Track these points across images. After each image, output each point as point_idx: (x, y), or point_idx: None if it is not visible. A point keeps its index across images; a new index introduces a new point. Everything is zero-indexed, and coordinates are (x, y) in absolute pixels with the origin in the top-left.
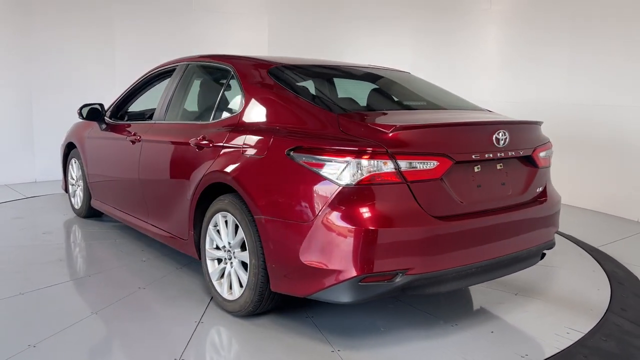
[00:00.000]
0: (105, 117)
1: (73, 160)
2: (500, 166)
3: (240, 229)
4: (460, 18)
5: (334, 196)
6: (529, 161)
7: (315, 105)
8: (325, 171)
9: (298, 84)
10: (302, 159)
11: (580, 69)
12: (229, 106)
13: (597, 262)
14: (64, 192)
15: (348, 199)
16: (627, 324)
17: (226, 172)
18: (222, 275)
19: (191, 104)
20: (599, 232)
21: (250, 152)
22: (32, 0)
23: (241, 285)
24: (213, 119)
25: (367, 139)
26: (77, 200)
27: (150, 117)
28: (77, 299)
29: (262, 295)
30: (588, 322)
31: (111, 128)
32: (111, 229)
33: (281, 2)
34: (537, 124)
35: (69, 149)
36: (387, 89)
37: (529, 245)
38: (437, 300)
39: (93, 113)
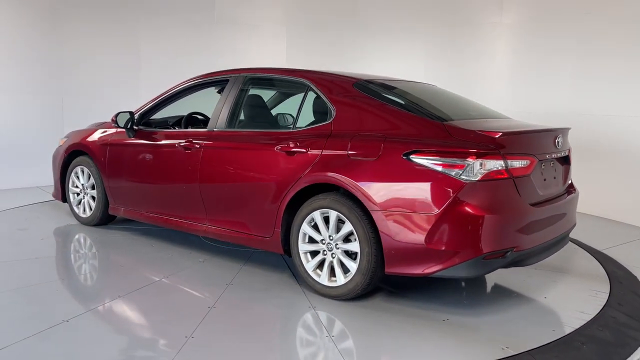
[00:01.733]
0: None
1: (79, 169)
2: (553, 164)
3: (346, 223)
4: (472, 31)
5: (459, 191)
6: (565, 159)
7: (415, 114)
8: (448, 170)
9: (385, 96)
10: (422, 160)
11: (588, 80)
12: (316, 116)
13: (599, 262)
14: (59, 201)
15: (471, 193)
16: (623, 317)
17: (332, 173)
18: (318, 266)
19: (257, 114)
20: (603, 237)
21: (359, 155)
22: (63, 12)
23: (344, 272)
24: (297, 127)
25: (479, 143)
26: (83, 209)
27: (191, 125)
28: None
29: (372, 278)
30: (585, 315)
31: (146, 135)
32: (134, 234)
33: (299, 14)
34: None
35: (71, 156)
36: (445, 101)
37: (569, 226)
38: (438, 296)
39: (129, 120)
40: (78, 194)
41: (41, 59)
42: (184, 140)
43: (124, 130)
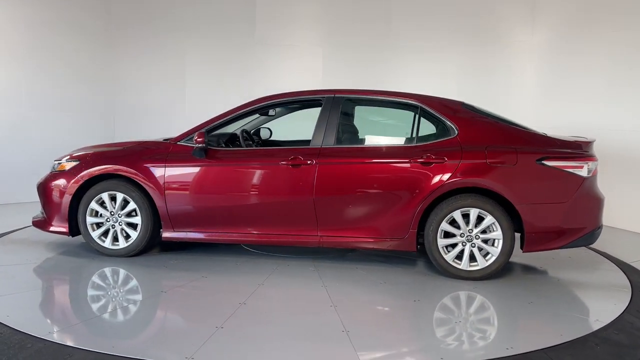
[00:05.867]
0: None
1: (105, 195)
2: None
3: (488, 217)
4: (503, 49)
5: (581, 184)
6: None
7: (521, 128)
8: (573, 170)
9: (488, 113)
10: (553, 164)
11: (618, 96)
12: (438, 132)
13: (625, 274)
14: (67, 236)
15: (588, 185)
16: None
17: (479, 179)
18: (456, 256)
19: (368, 131)
20: (633, 250)
21: (499, 163)
22: (116, 36)
23: (485, 257)
24: (420, 142)
25: (579, 150)
26: (113, 240)
27: (231, 143)
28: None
29: (509, 256)
30: (602, 320)
31: (224, 154)
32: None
33: (334, 35)
34: None
35: (90, 182)
36: (503, 117)
37: None
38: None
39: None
40: (98, 224)
41: (95, 80)
42: (290, 158)
43: (181, 149)
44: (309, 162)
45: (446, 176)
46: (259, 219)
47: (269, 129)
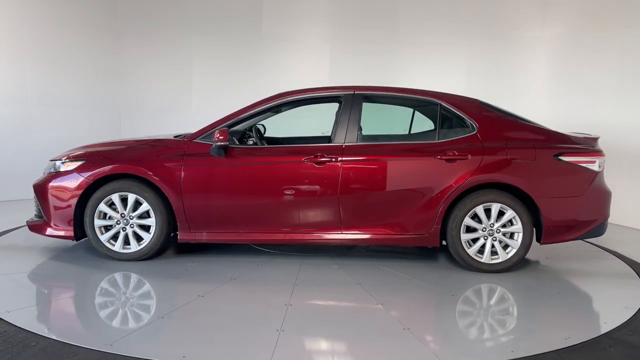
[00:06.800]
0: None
1: (115, 196)
2: None
3: (509, 211)
4: (513, 44)
5: (594, 178)
6: None
7: (537, 125)
8: (587, 165)
9: (504, 110)
10: (569, 159)
11: (631, 93)
12: (458, 129)
13: (637, 274)
14: (72, 240)
15: (599, 179)
16: None
17: (503, 174)
18: (478, 250)
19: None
20: None
21: (519, 159)
22: (123, 32)
23: (504, 249)
24: (442, 139)
25: (590, 146)
26: (123, 244)
27: (245, 138)
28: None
29: (528, 249)
30: (617, 321)
31: (244, 152)
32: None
33: (342, 31)
34: None
35: (97, 183)
36: (514, 114)
37: None
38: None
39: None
40: (107, 227)
41: (101, 76)
42: (312, 156)
43: (198, 147)
44: (333, 159)
45: (470, 172)
46: (281, 218)
47: (263, 125)
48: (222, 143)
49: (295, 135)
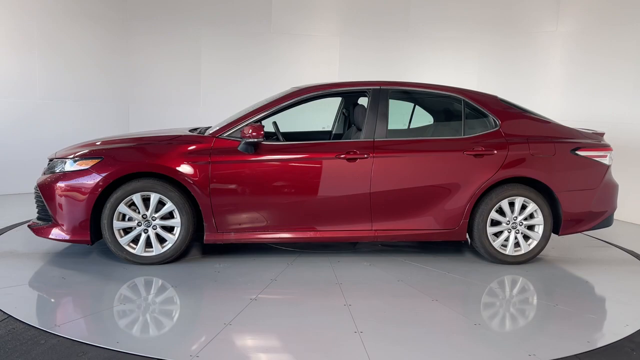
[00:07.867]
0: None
1: (136, 197)
2: None
3: (530, 205)
4: (527, 40)
5: (607, 171)
6: None
7: (552, 121)
8: (600, 159)
9: (522, 106)
10: (584, 153)
11: None
12: (481, 124)
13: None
14: (88, 245)
15: (610, 172)
16: None
17: (528, 169)
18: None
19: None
20: None
21: (540, 154)
22: (132, 25)
23: (525, 241)
24: (467, 134)
25: (599, 141)
26: (144, 247)
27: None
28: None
29: (548, 240)
30: (638, 324)
31: (274, 149)
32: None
33: (351, 24)
34: None
35: (114, 183)
36: (530, 110)
37: None
38: None
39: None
40: (126, 230)
41: (109, 68)
42: (344, 152)
43: (225, 143)
44: (365, 155)
45: (497, 167)
46: (313, 216)
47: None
48: (255, 140)
49: (299, 130)
